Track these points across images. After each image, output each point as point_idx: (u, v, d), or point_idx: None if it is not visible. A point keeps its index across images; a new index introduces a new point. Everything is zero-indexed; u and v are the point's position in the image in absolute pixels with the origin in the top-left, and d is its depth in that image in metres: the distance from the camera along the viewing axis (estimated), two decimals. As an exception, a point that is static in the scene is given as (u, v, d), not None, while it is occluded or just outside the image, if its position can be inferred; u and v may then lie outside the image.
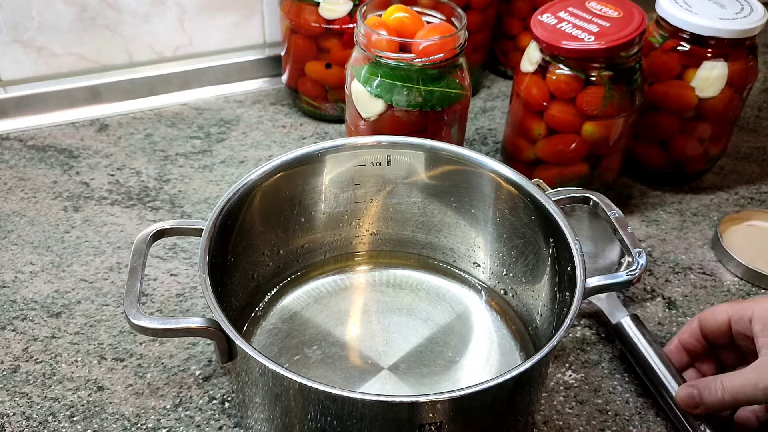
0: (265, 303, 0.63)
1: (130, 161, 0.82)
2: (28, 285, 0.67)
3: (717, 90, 0.73)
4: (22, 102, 0.86)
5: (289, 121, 0.89)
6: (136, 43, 0.88)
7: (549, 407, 0.59)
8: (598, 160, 0.73)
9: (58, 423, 0.57)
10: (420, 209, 0.66)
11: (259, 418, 0.51)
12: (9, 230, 0.73)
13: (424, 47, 0.65)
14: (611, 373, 0.62)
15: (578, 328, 0.66)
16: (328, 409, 0.45)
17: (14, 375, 0.60)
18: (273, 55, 0.95)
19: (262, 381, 0.48)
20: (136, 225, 0.74)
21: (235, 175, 0.80)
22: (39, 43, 0.84)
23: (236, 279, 0.59)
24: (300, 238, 0.65)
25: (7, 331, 0.63)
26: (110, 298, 0.66)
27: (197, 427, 0.57)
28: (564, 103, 0.70)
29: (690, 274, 0.71)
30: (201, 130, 0.87)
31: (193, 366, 0.61)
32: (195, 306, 0.66)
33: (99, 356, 0.61)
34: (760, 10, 0.72)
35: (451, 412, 0.46)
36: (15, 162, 0.81)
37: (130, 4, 0.85)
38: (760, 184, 0.83)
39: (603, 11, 0.70)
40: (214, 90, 0.93)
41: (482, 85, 0.98)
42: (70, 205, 0.76)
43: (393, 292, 0.65)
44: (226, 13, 0.90)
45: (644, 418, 0.59)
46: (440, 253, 0.67)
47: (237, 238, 0.58)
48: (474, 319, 0.63)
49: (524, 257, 0.61)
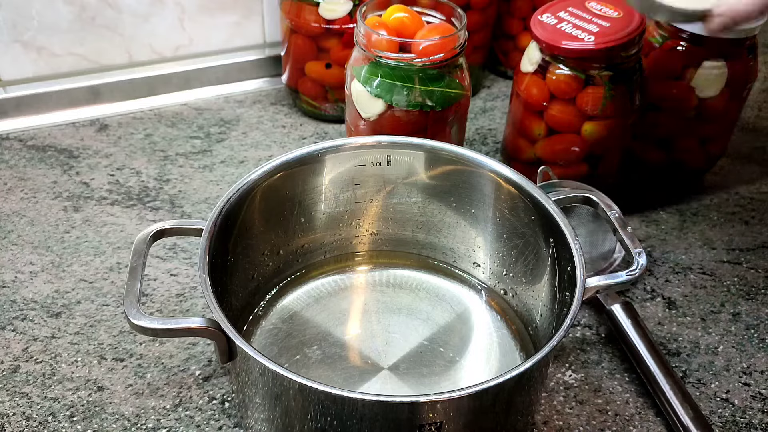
0: (265, 303, 0.63)
1: (130, 161, 0.82)
2: (28, 285, 0.67)
3: (717, 90, 0.73)
4: (22, 102, 0.86)
5: (289, 121, 0.89)
6: (136, 43, 0.88)
7: (549, 407, 0.59)
8: (598, 160, 0.73)
9: (58, 423, 0.57)
10: (420, 209, 0.66)
11: (259, 418, 0.51)
12: (9, 230, 0.73)
13: (424, 47, 0.65)
14: (611, 373, 0.62)
15: (578, 328, 0.66)
16: (328, 409, 0.45)
17: (14, 375, 0.60)
18: (273, 55, 0.95)
19: (262, 381, 0.48)
20: (136, 225, 0.74)
21: (235, 175, 0.80)
22: (39, 43, 0.84)
23: (236, 279, 0.59)
24: (300, 238, 0.65)
25: (7, 331, 0.63)
26: (110, 298, 0.66)
27: (197, 427, 0.57)
28: (564, 103, 0.70)
29: (690, 274, 0.71)
30: (201, 130, 0.87)
31: (193, 366, 0.61)
32: (195, 306, 0.66)
33: (99, 356, 0.61)
34: (760, 10, 0.72)
35: (451, 412, 0.46)
36: (15, 162, 0.81)
37: (130, 4, 0.85)
38: (760, 184, 0.83)
39: (603, 11, 0.70)
40: (214, 90, 0.93)
41: (482, 85, 0.98)
42: (70, 205, 0.76)
43: (393, 292, 0.65)
44: (226, 13, 0.90)
45: (644, 418, 0.59)
46: (440, 253, 0.67)
47: (237, 238, 0.58)
48: (474, 319, 0.63)
49: (524, 257, 0.61)
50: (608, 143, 0.72)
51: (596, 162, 0.73)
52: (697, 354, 0.64)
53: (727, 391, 0.61)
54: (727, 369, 0.63)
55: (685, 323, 0.67)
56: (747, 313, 0.68)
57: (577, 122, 0.70)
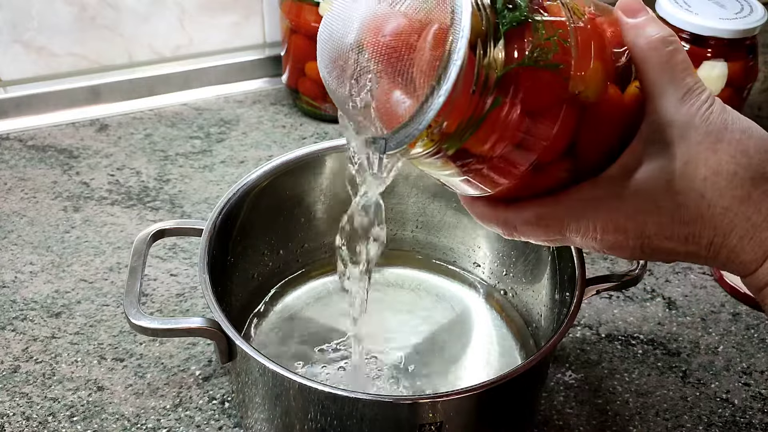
0: (265, 303, 0.63)
1: (130, 161, 0.82)
2: (28, 285, 0.67)
3: (717, 90, 0.73)
4: (22, 102, 0.86)
5: (289, 121, 0.89)
6: (136, 43, 0.88)
7: (549, 407, 0.59)
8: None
9: (58, 423, 0.57)
10: (420, 209, 0.66)
11: (259, 418, 0.51)
12: (9, 230, 0.73)
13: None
14: (611, 373, 0.62)
15: (578, 328, 0.66)
16: (328, 409, 0.45)
17: (14, 375, 0.60)
18: (273, 55, 0.95)
19: (262, 381, 0.48)
20: (136, 225, 0.74)
21: (235, 175, 0.80)
22: (39, 43, 0.84)
23: (236, 279, 0.59)
24: (300, 238, 0.65)
25: (7, 331, 0.63)
26: (110, 298, 0.66)
27: (197, 427, 0.57)
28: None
29: (690, 274, 0.71)
30: (201, 130, 0.87)
31: (193, 366, 0.61)
32: (195, 306, 0.66)
33: (99, 356, 0.61)
34: (760, 10, 0.72)
35: (451, 412, 0.46)
36: (15, 162, 0.81)
37: (130, 4, 0.85)
38: (760, 184, 0.83)
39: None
40: (214, 90, 0.93)
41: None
42: (70, 205, 0.76)
43: (393, 292, 0.65)
44: (226, 13, 0.90)
45: (644, 418, 0.59)
46: (440, 253, 0.67)
47: (237, 238, 0.58)
48: (474, 319, 0.63)
49: (524, 257, 0.61)
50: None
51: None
52: (697, 354, 0.64)
53: (727, 391, 0.61)
54: (727, 369, 0.63)
55: (685, 323, 0.67)
56: (747, 313, 0.68)
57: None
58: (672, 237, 0.38)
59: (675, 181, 0.37)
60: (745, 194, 0.36)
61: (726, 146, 0.37)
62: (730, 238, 0.37)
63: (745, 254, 0.37)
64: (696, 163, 0.36)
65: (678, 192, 0.37)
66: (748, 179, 0.36)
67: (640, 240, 0.38)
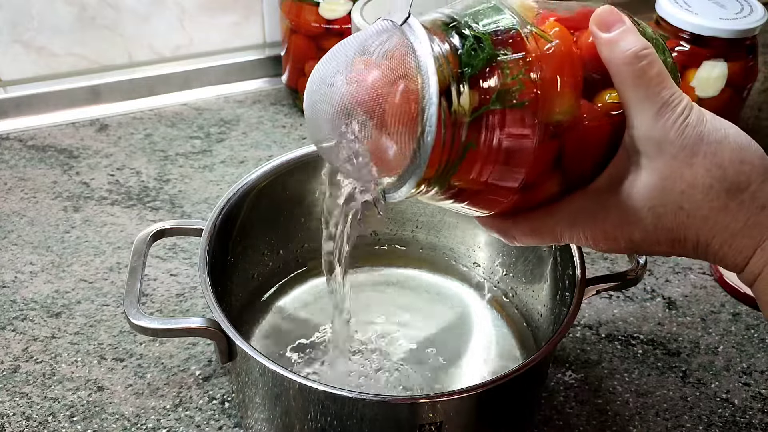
0: (264, 302, 0.63)
1: (130, 161, 0.82)
2: (28, 285, 0.67)
3: (717, 90, 0.73)
4: (22, 102, 0.86)
5: (289, 121, 0.89)
6: (136, 43, 0.88)
7: (549, 407, 0.59)
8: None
9: (58, 423, 0.57)
10: (420, 209, 0.66)
11: (259, 418, 0.51)
12: (9, 230, 0.73)
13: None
14: (611, 373, 0.62)
15: (578, 328, 0.66)
16: (328, 409, 0.45)
17: (14, 375, 0.60)
18: (273, 55, 0.95)
19: (262, 381, 0.48)
20: (136, 225, 0.74)
21: (235, 175, 0.80)
22: (39, 43, 0.84)
23: (236, 279, 0.59)
24: (300, 238, 0.65)
25: (7, 331, 0.63)
26: (110, 298, 0.66)
27: (197, 427, 0.57)
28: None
29: (690, 274, 0.71)
30: (201, 130, 0.87)
31: (193, 366, 0.61)
32: (195, 306, 0.66)
33: (99, 356, 0.61)
34: (760, 10, 0.72)
35: (451, 412, 0.46)
36: (15, 162, 0.81)
37: (130, 4, 0.85)
38: (760, 184, 0.83)
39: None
40: (214, 90, 0.93)
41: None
42: (70, 205, 0.76)
43: (393, 292, 0.65)
44: (226, 13, 0.90)
45: (644, 418, 0.59)
46: (440, 253, 0.67)
47: (237, 238, 0.58)
48: (474, 319, 0.63)
49: (524, 257, 0.61)
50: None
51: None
52: (697, 354, 0.64)
53: (727, 391, 0.61)
54: (727, 369, 0.63)
55: (685, 323, 0.67)
56: (747, 313, 0.68)
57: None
58: (659, 242, 0.40)
59: (654, 195, 0.38)
60: (722, 205, 0.38)
61: (701, 160, 0.38)
62: (712, 243, 0.39)
63: (728, 258, 0.39)
64: (673, 177, 0.38)
65: (657, 204, 0.38)
66: (723, 191, 0.38)
67: (630, 245, 0.40)
